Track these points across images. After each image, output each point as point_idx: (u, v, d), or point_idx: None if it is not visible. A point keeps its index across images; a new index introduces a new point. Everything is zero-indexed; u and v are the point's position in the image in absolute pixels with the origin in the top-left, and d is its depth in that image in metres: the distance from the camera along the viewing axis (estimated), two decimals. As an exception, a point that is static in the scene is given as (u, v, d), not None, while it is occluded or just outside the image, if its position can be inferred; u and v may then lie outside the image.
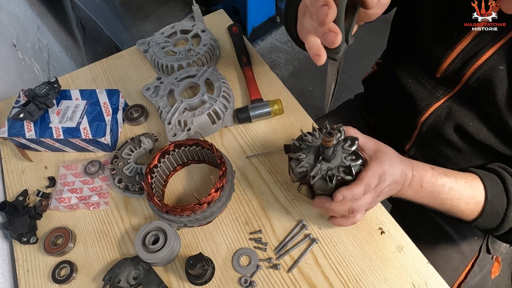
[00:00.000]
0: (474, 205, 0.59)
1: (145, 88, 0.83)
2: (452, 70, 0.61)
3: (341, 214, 0.56)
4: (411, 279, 0.59)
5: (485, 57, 0.56)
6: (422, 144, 0.74)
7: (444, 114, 0.66)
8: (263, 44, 2.29)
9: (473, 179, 0.60)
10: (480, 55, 0.56)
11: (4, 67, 1.00)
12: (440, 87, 0.65)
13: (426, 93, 0.67)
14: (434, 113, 0.67)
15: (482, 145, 0.63)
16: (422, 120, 0.68)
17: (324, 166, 0.55)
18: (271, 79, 0.86)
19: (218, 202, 0.62)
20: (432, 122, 0.68)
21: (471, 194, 0.58)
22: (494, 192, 0.58)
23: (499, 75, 0.55)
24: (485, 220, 0.59)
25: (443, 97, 0.65)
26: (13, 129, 0.76)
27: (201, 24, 0.94)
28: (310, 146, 0.58)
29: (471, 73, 0.59)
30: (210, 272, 0.61)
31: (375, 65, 0.98)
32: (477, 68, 0.57)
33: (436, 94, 0.66)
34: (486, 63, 0.56)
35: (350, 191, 0.51)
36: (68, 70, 1.53)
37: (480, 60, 0.57)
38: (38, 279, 0.64)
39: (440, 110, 0.66)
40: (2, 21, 1.10)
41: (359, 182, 0.51)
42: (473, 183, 0.59)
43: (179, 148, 0.70)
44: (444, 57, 0.61)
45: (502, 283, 1.39)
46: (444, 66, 0.62)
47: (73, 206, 0.70)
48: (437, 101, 0.66)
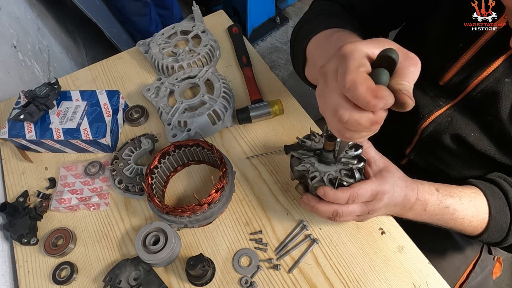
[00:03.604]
0: (478, 223, 0.58)
1: (145, 89, 0.83)
2: (456, 81, 0.60)
3: (325, 216, 0.55)
4: (411, 280, 0.59)
5: (491, 69, 0.55)
6: (422, 149, 0.73)
7: (445, 122, 0.65)
8: (263, 45, 2.29)
9: (476, 196, 0.59)
10: (486, 67, 0.55)
11: (4, 68, 1.00)
12: (442, 95, 0.64)
13: (428, 100, 0.66)
14: (435, 121, 0.66)
15: (483, 155, 0.62)
16: (422, 127, 0.68)
17: (323, 169, 0.55)
18: (271, 80, 0.86)
19: (219, 202, 0.62)
20: (432, 129, 0.67)
21: (475, 213, 0.58)
22: (498, 207, 0.58)
23: (505, 87, 0.54)
24: (490, 236, 0.59)
25: (445, 105, 0.64)
26: (14, 130, 0.76)
27: (201, 24, 0.94)
28: (310, 149, 0.58)
29: (475, 85, 0.58)
30: (210, 273, 0.61)
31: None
32: (482, 80, 0.56)
33: (438, 102, 0.65)
34: (491, 75, 0.55)
35: (333, 192, 0.50)
36: (68, 71, 1.54)
37: (486, 72, 0.56)
38: (39, 280, 0.64)
39: (441, 118, 0.65)
40: (3, 22, 1.10)
41: (346, 189, 0.51)
42: (477, 201, 0.58)
43: (179, 149, 0.70)
44: (448, 67, 0.60)
45: (503, 283, 1.38)
46: (448, 76, 0.61)
47: (73, 207, 0.71)
48: (438, 109, 0.65)
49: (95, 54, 2.03)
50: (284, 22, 2.33)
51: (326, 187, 0.52)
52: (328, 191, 0.51)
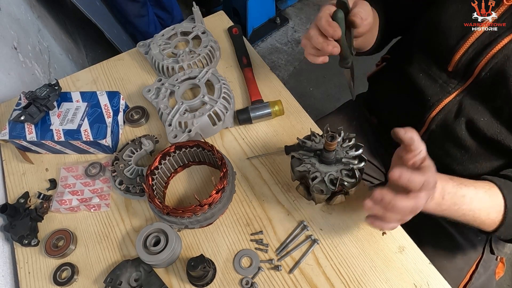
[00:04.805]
0: (495, 215, 0.57)
1: (146, 90, 0.83)
2: (465, 60, 0.60)
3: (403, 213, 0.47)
4: (413, 280, 0.58)
5: (500, 46, 0.56)
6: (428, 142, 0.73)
7: (454, 109, 0.65)
8: (263, 45, 2.29)
9: (491, 188, 0.58)
10: (495, 44, 0.56)
11: (5, 69, 1.00)
12: (451, 81, 0.65)
13: (437, 88, 0.66)
14: (444, 108, 0.66)
15: (492, 141, 0.62)
16: (431, 116, 0.68)
17: (324, 169, 0.55)
18: (271, 80, 0.86)
19: (219, 203, 0.62)
20: (442, 118, 0.67)
21: (491, 204, 0.57)
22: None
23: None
24: (507, 229, 0.58)
25: (455, 91, 0.64)
26: (14, 132, 0.76)
27: (201, 25, 0.94)
28: (311, 149, 0.58)
29: (484, 63, 0.58)
30: (211, 274, 0.61)
31: (381, 61, 0.96)
32: (491, 58, 0.57)
33: (447, 89, 0.65)
34: (500, 52, 0.56)
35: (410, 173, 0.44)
36: (69, 72, 1.54)
37: (495, 49, 0.56)
38: (39, 281, 0.64)
39: (451, 105, 0.65)
40: (3, 24, 1.11)
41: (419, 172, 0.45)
42: (491, 192, 0.57)
43: (179, 150, 0.70)
44: (458, 46, 0.60)
45: (505, 284, 1.38)
46: (457, 56, 0.61)
47: (74, 208, 0.71)
48: (448, 95, 0.65)
49: (95, 55, 2.03)
50: (284, 23, 2.33)
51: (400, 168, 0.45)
52: (405, 171, 0.44)
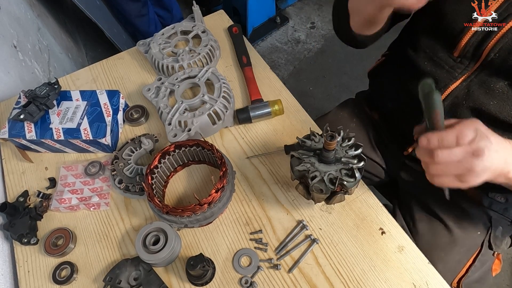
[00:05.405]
0: None
1: (146, 89, 0.83)
2: (474, 43, 0.60)
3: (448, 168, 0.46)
4: (412, 279, 0.59)
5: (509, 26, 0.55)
6: None
7: (462, 94, 0.64)
8: (263, 45, 2.29)
9: None
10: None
11: (4, 68, 1.00)
12: (458, 65, 0.64)
13: (444, 74, 0.65)
14: (451, 94, 0.65)
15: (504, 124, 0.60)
16: None
17: (324, 169, 0.55)
18: (271, 80, 0.86)
19: (219, 202, 0.62)
20: (449, 103, 0.66)
21: None
22: None
23: None
24: None
25: (461, 76, 0.64)
26: (14, 130, 0.76)
27: (201, 24, 0.94)
28: (310, 149, 0.58)
29: (493, 44, 0.57)
30: (210, 273, 0.61)
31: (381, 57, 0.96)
32: (501, 37, 0.56)
33: (454, 74, 0.64)
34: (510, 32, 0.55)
35: (437, 134, 0.44)
36: (69, 71, 1.54)
37: (504, 29, 0.55)
38: (39, 280, 0.64)
39: (458, 90, 0.64)
40: (3, 22, 1.10)
41: (448, 129, 0.44)
42: None
43: (179, 149, 0.70)
44: (467, 29, 0.59)
45: (503, 284, 1.38)
46: (465, 39, 0.60)
47: (73, 207, 0.71)
48: (455, 81, 0.64)
49: (95, 54, 2.03)
50: (284, 22, 2.33)
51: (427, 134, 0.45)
52: (430, 135, 0.45)
